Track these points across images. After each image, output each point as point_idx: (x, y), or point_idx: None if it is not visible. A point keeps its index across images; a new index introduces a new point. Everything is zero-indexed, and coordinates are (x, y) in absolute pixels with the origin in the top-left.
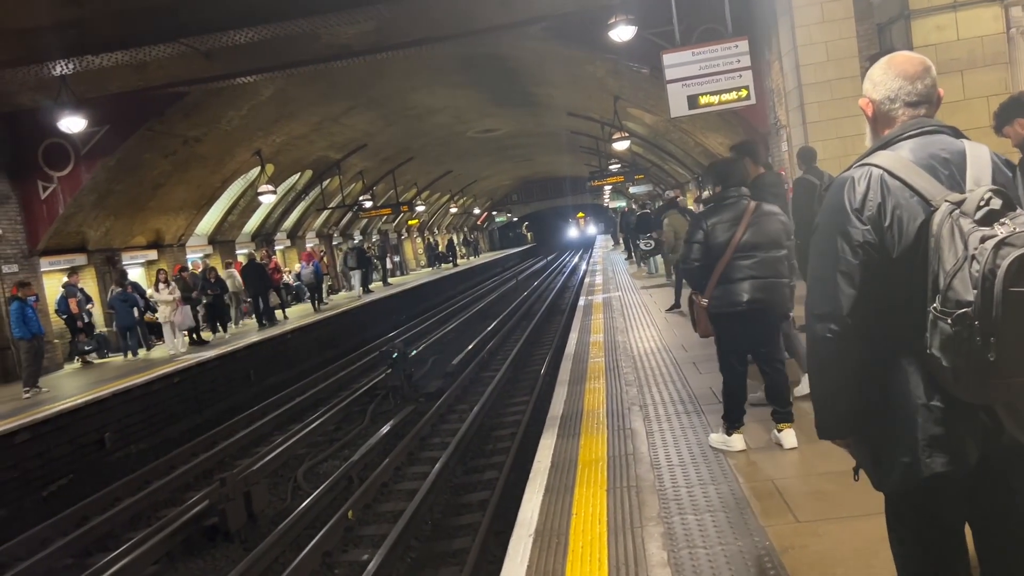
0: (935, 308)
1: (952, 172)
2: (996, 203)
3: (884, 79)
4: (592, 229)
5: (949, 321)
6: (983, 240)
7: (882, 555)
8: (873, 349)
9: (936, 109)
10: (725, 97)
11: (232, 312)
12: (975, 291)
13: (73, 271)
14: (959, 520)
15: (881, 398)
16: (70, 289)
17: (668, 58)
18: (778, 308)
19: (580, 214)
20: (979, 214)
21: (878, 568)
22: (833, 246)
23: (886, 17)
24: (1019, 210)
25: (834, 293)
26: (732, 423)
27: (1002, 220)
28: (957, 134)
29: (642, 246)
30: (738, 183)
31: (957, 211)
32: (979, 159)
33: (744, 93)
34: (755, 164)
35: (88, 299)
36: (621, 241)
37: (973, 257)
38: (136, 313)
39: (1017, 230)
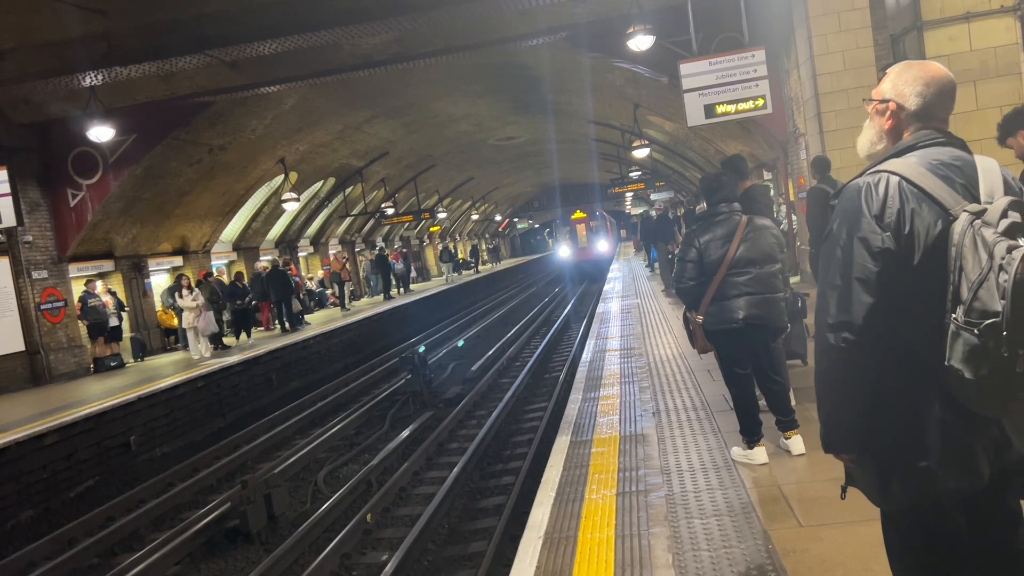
0: (957, 319)
1: (966, 183)
2: (1015, 215)
3: (926, 91)
4: (603, 245)
5: (976, 332)
6: (1010, 250)
7: (881, 559)
8: (885, 361)
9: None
10: (742, 106)
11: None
12: (1003, 302)
13: (89, 281)
14: (961, 535)
15: (892, 411)
16: (87, 296)
17: (685, 68)
18: (774, 323)
19: (577, 213)
20: (1002, 224)
21: (876, 571)
22: (849, 253)
23: (899, 28)
24: None
25: (849, 301)
26: (751, 436)
27: None
28: (966, 147)
29: None
30: (727, 198)
31: (978, 221)
32: (990, 171)
33: (761, 102)
34: (742, 179)
35: (120, 304)
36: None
37: (1001, 267)
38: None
39: None
